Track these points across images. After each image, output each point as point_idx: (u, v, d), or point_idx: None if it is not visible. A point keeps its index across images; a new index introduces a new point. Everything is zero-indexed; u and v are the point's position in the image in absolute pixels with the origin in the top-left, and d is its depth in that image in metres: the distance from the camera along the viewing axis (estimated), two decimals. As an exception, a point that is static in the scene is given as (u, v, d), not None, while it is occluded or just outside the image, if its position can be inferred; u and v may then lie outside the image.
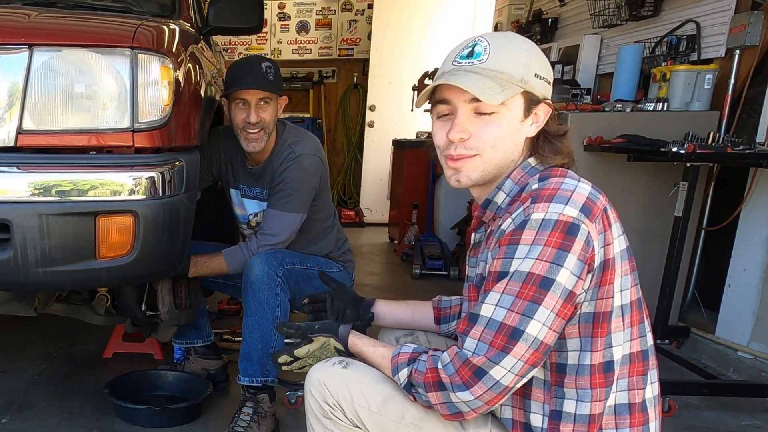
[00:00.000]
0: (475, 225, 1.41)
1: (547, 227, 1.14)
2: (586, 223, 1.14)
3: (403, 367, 1.27)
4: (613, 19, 3.93)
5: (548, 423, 1.24)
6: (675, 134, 2.88)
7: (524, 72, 1.20)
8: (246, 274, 2.26)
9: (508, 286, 1.15)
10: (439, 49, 6.01)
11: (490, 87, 1.18)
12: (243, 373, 2.29)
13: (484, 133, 1.23)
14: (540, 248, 1.13)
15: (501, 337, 1.14)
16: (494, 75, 1.19)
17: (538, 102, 1.23)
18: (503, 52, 1.22)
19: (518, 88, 1.20)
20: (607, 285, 1.18)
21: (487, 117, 1.22)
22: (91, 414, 2.49)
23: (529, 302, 1.13)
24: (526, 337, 1.13)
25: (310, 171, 2.36)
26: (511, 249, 1.16)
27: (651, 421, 1.25)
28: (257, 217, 2.49)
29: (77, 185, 1.83)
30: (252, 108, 2.27)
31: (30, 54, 1.84)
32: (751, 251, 2.92)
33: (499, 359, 1.14)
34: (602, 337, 1.19)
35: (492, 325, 1.15)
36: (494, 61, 1.21)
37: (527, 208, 1.17)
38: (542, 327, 1.13)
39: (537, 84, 1.22)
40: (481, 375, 1.15)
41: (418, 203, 5.26)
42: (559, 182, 1.19)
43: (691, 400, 2.67)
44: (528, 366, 1.15)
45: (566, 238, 1.13)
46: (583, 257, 1.14)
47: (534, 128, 1.26)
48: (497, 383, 1.15)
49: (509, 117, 1.22)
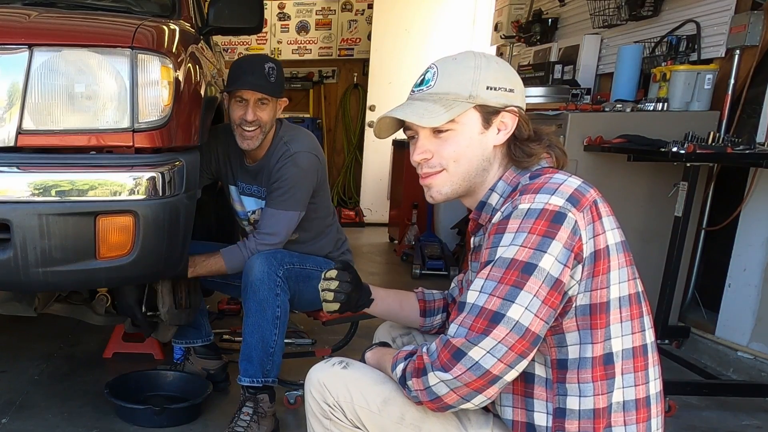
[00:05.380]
0: (472, 228, 1.42)
1: (532, 216, 1.17)
2: (573, 212, 1.16)
3: (400, 362, 1.28)
4: (613, 19, 3.93)
5: (553, 421, 1.24)
6: (675, 134, 2.88)
7: (472, 88, 1.26)
8: (246, 274, 2.26)
9: (491, 272, 1.18)
10: (439, 49, 5.98)
11: (432, 110, 1.27)
12: (243, 373, 2.29)
13: (443, 150, 1.30)
14: (524, 235, 1.16)
15: (481, 321, 1.15)
16: (439, 98, 1.28)
17: (497, 112, 1.27)
18: (450, 74, 1.29)
19: (467, 104, 1.26)
20: (601, 276, 1.18)
21: (444, 135, 1.29)
22: (91, 414, 2.49)
23: (510, 287, 1.15)
24: (506, 320, 1.14)
25: (306, 168, 2.36)
26: (497, 238, 1.20)
27: (654, 416, 1.26)
28: (256, 214, 2.49)
29: (77, 185, 1.83)
30: (250, 106, 2.27)
31: (30, 54, 1.84)
32: (751, 251, 2.93)
33: (478, 341, 1.15)
34: (602, 328, 1.20)
35: (473, 310, 1.17)
36: (441, 84, 1.29)
37: (515, 200, 1.21)
38: (525, 312, 1.14)
39: (490, 96, 1.27)
40: (460, 356, 1.15)
41: (418, 203, 5.26)
42: (548, 177, 1.23)
43: (691, 400, 2.67)
44: (514, 354, 1.14)
45: (551, 226, 1.15)
46: (569, 245, 1.15)
47: (503, 135, 1.30)
48: (476, 364, 1.14)
49: (465, 132, 1.28)
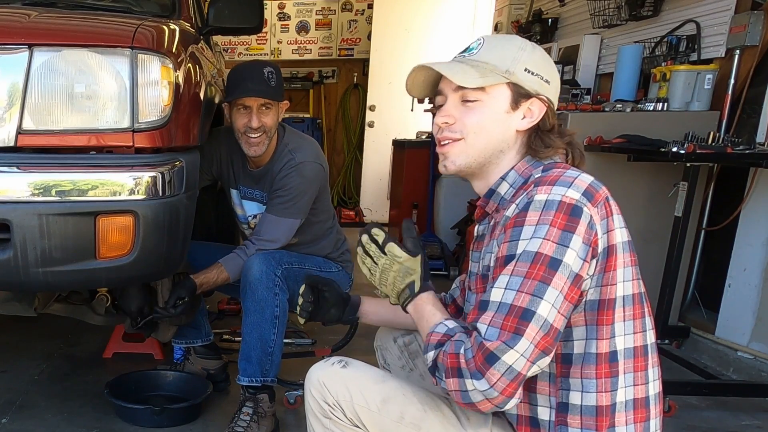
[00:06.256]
0: (478, 216, 1.41)
1: (551, 207, 1.16)
2: (588, 206, 1.16)
3: (431, 349, 1.23)
4: (613, 19, 3.93)
5: (555, 415, 1.25)
6: (675, 134, 2.88)
7: (511, 64, 1.26)
8: (244, 274, 2.26)
9: (517, 267, 1.15)
10: (439, 49, 6.02)
11: (466, 72, 1.26)
12: (243, 373, 2.29)
13: (467, 117, 1.29)
14: (546, 227, 1.15)
15: (512, 318, 1.12)
16: (477, 64, 1.28)
17: (528, 96, 1.27)
18: (494, 46, 1.30)
19: (501, 78, 1.26)
20: (611, 272, 1.19)
21: (470, 104, 1.28)
22: (91, 414, 2.49)
23: (539, 282, 1.13)
24: (537, 318, 1.12)
25: (311, 178, 2.35)
26: (516, 231, 1.18)
27: (653, 417, 1.26)
28: (257, 218, 2.49)
29: (77, 185, 1.83)
30: (254, 113, 2.26)
31: (30, 54, 1.84)
32: (751, 251, 2.92)
33: (514, 343, 1.11)
34: (607, 325, 1.20)
35: (502, 308, 1.14)
36: (482, 53, 1.30)
37: (530, 192, 1.20)
38: (551, 308, 1.13)
39: (526, 78, 1.27)
40: (493, 360, 1.11)
41: (418, 203, 5.26)
42: (562, 171, 1.23)
43: (691, 400, 2.66)
44: (539, 351, 1.13)
45: (570, 219, 1.15)
46: (587, 240, 1.15)
47: (526, 122, 1.29)
48: (510, 368, 1.12)
49: (493, 105, 1.28)
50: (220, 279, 2.34)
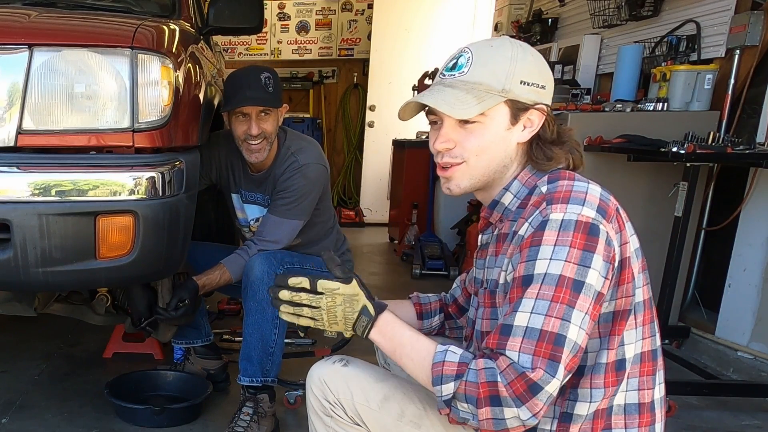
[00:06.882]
0: (482, 226, 1.40)
1: (568, 228, 1.13)
2: (604, 223, 1.15)
3: (449, 380, 1.15)
4: (613, 19, 3.94)
5: (557, 425, 1.23)
6: (675, 134, 2.88)
7: (506, 81, 1.21)
8: (246, 274, 2.26)
9: (541, 291, 1.12)
10: (439, 49, 6.02)
11: (464, 101, 1.21)
12: (243, 373, 2.29)
13: (467, 142, 1.25)
14: (566, 249, 1.12)
15: (545, 345, 1.10)
16: (472, 87, 1.22)
17: (526, 108, 1.24)
18: (485, 62, 1.23)
19: (499, 98, 1.21)
20: (626, 284, 1.18)
21: (470, 126, 1.24)
22: (91, 414, 2.49)
23: (566, 306, 1.11)
24: (568, 342, 1.10)
25: (315, 180, 2.35)
26: (533, 251, 1.15)
27: (657, 421, 1.26)
28: (258, 222, 2.48)
29: (77, 185, 1.83)
30: (253, 120, 2.24)
31: (30, 54, 1.84)
32: (751, 251, 2.92)
33: (554, 371, 1.09)
34: (618, 334, 1.20)
35: (532, 334, 1.11)
36: (475, 72, 1.23)
37: (544, 210, 1.17)
38: (579, 330, 1.11)
39: (523, 91, 1.22)
40: (537, 390, 1.09)
41: (418, 203, 5.27)
42: (570, 185, 1.19)
43: (691, 400, 2.67)
44: (567, 372, 1.12)
45: (589, 239, 1.13)
46: (607, 258, 1.14)
47: (527, 133, 1.26)
48: (549, 396, 1.10)
49: (492, 126, 1.24)
50: (223, 280, 2.34)
